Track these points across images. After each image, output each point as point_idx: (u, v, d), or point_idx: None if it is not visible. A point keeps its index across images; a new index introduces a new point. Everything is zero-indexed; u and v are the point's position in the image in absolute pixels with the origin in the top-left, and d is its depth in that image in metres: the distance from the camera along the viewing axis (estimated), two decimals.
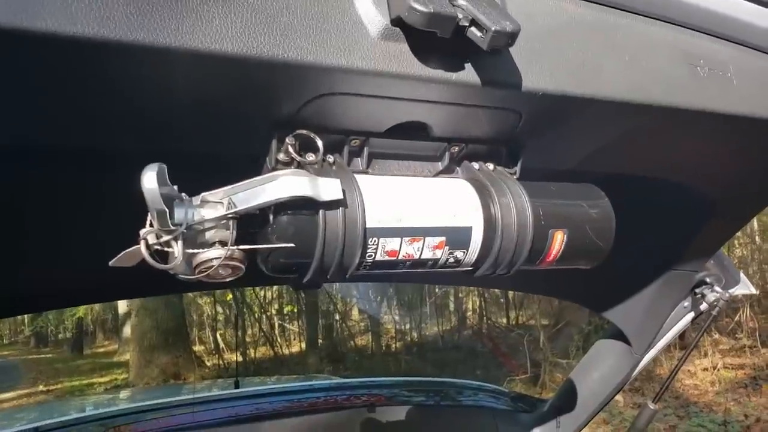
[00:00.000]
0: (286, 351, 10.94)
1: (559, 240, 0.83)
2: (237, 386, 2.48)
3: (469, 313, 11.29)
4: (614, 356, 1.67)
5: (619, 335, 1.62)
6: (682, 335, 1.62)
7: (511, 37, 0.64)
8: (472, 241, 0.78)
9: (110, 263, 0.67)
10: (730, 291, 1.47)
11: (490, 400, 2.11)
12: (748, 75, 0.92)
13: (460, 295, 10.87)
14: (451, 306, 11.37)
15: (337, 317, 11.25)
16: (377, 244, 0.73)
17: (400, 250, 0.74)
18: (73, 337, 16.42)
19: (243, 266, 0.68)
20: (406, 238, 0.74)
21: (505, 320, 10.20)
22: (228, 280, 0.70)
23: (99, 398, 4.60)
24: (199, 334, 12.56)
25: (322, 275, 0.72)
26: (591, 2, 0.81)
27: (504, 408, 2.06)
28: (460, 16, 0.64)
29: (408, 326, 10.88)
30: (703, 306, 1.48)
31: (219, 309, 11.88)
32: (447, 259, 0.79)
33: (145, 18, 0.54)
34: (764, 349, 7.25)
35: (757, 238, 8.54)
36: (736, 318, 7.53)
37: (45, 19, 0.50)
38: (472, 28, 0.64)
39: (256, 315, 10.88)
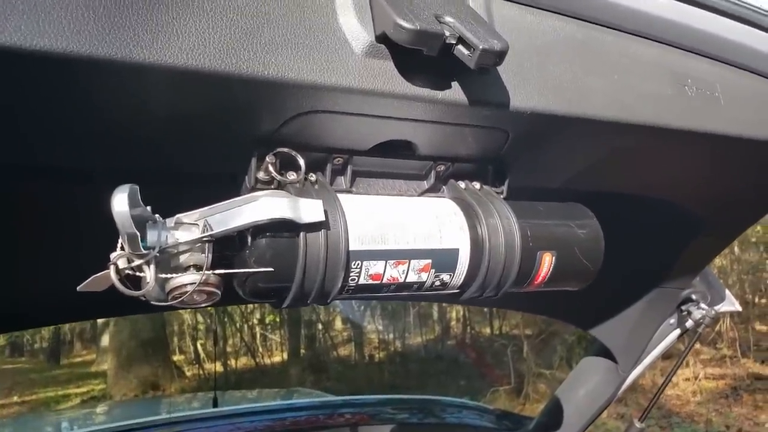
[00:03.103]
0: (267, 361, 10.82)
1: (547, 262, 0.80)
2: (215, 403, 2.42)
3: (453, 323, 11.26)
4: (600, 373, 1.66)
5: (605, 352, 1.61)
6: None
7: (500, 55, 0.63)
8: (459, 263, 0.76)
9: (78, 288, 0.64)
10: (716, 308, 1.47)
11: (474, 417, 2.08)
12: (736, 95, 0.92)
13: (443, 304, 10.84)
14: (435, 315, 11.34)
15: (320, 327, 11.17)
16: (360, 268, 0.70)
17: (384, 273, 0.72)
18: (49, 347, 16.11)
19: (219, 291, 0.65)
20: (391, 261, 0.72)
21: (488, 330, 10.19)
22: (203, 305, 0.66)
23: (74, 413, 4.49)
24: (179, 344, 12.39)
25: (302, 300, 0.69)
26: (580, 20, 0.80)
27: (488, 426, 2.04)
28: (447, 33, 0.62)
29: (391, 336, 10.83)
30: (689, 323, 1.48)
31: (200, 318, 11.73)
32: (433, 282, 0.76)
33: (118, 32, 0.52)
34: (744, 359, 7.33)
35: (736, 248, 8.64)
36: (717, 328, 7.60)
37: (11, 32, 0.47)
38: (460, 46, 0.62)
39: (238, 324, 10.76)
